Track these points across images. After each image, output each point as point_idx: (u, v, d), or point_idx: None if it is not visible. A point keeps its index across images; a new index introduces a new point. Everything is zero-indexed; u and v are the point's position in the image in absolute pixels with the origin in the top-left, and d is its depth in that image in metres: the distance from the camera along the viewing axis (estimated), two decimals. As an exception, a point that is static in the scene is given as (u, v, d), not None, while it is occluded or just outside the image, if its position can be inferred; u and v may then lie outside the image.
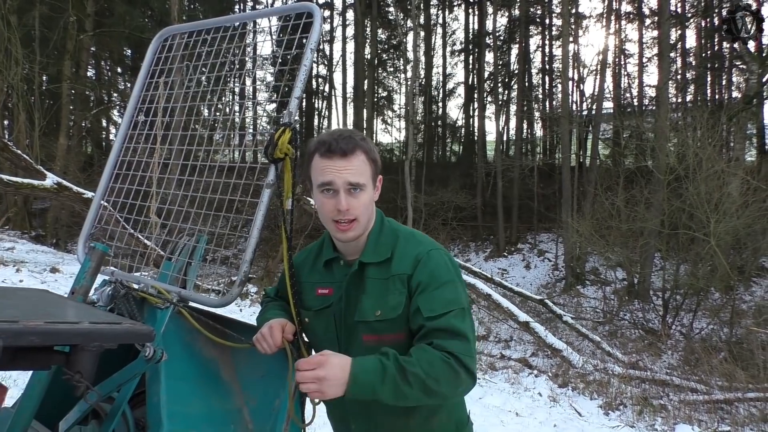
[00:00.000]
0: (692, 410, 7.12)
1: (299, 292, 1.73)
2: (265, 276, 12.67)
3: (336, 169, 1.54)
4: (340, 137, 1.56)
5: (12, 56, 15.57)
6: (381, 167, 1.66)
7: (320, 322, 1.69)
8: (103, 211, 2.25)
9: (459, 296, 1.55)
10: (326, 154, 1.55)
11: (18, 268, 8.46)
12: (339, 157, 1.53)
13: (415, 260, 1.57)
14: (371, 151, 1.60)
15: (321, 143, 1.57)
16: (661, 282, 13.98)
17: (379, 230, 1.67)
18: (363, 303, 1.60)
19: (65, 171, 15.70)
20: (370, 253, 1.63)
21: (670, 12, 18.39)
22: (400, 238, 1.65)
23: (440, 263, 1.58)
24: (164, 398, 1.60)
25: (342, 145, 1.54)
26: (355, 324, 1.61)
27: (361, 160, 1.56)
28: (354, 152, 1.54)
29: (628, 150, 19.34)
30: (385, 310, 1.56)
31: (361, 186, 1.55)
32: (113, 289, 1.87)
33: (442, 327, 1.47)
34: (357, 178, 1.54)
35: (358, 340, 1.62)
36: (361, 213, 1.57)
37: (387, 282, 1.58)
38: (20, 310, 1.18)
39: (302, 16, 1.92)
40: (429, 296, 1.52)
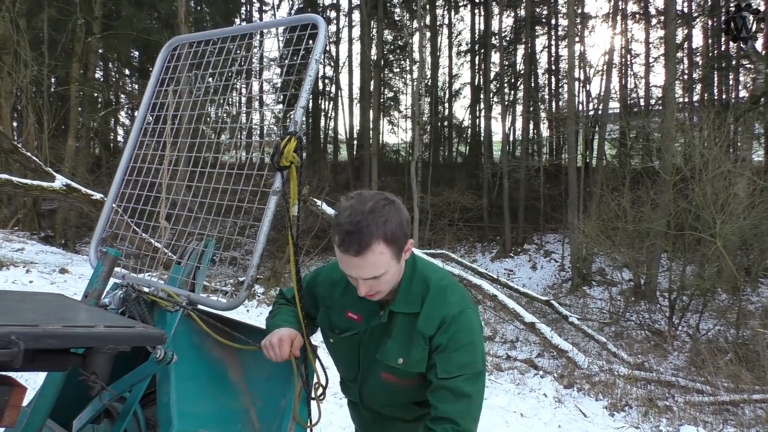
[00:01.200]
0: (698, 411, 7.13)
1: (329, 308, 1.77)
2: (272, 277, 12.74)
3: (351, 266, 1.50)
4: (354, 231, 1.46)
5: (21, 59, 15.71)
6: (408, 232, 1.55)
7: (344, 345, 1.76)
8: (114, 216, 2.31)
9: (475, 359, 1.58)
10: (342, 249, 1.49)
11: (28, 269, 8.55)
12: (353, 255, 1.47)
13: (440, 323, 1.58)
14: (391, 232, 1.48)
15: (337, 231, 1.49)
16: (667, 283, 13.95)
17: (410, 277, 1.65)
18: (388, 346, 1.65)
19: (74, 172, 15.82)
20: (401, 302, 1.63)
21: (677, 11, 18.34)
22: (430, 291, 1.63)
23: (463, 327, 1.59)
24: (174, 398, 1.65)
25: (354, 244, 1.46)
26: (376, 360, 1.69)
27: (378, 252, 1.47)
28: (369, 247, 1.46)
29: (635, 150, 19.30)
30: (408, 362, 1.62)
31: (381, 274, 1.51)
32: (125, 293, 1.93)
33: (450, 387, 1.54)
34: (373, 272, 1.50)
35: (376, 374, 1.70)
36: (385, 289, 1.57)
37: (412, 335, 1.62)
38: (39, 314, 1.24)
39: (307, 27, 1.97)
40: (446, 357, 1.56)
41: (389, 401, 1.76)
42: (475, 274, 11.99)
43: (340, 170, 31.30)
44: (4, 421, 1.11)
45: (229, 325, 1.97)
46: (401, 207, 1.55)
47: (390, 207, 1.51)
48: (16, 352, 0.99)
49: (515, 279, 19.93)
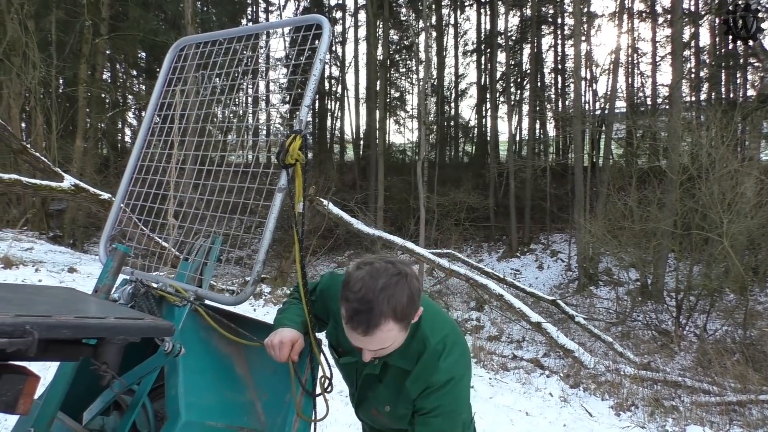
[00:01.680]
0: (704, 412, 7.12)
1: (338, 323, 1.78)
2: (279, 276, 12.78)
3: (358, 341, 1.52)
4: (363, 310, 1.45)
5: (30, 60, 15.82)
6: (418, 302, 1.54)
7: (345, 370, 1.85)
8: (123, 214, 2.35)
9: (454, 426, 1.63)
10: (349, 325, 1.49)
11: (37, 268, 8.62)
12: (360, 335, 1.48)
13: (425, 388, 1.61)
14: (400, 311, 1.47)
15: (345, 307, 1.48)
16: (674, 283, 13.91)
17: (412, 335, 1.64)
18: (379, 391, 1.73)
19: (82, 173, 15.92)
20: (397, 357, 1.64)
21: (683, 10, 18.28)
22: (426, 352, 1.63)
23: (447, 393, 1.60)
24: (182, 390, 1.69)
25: (363, 325, 1.45)
26: (368, 397, 1.78)
27: (386, 330, 1.47)
28: (377, 327, 1.46)
29: (641, 150, 19.24)
30: (394, 413, 1.70)
31: (388, 347, 1.54)
32: (134, 288, 1.97)
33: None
34: (380, 346, 1.52)
35: (368, 406, 1.80)
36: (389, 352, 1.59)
37: (401, 391, 1.66)
38: (52, 305, 1.28)
39: (312, 27, 2.00)
40: (426, 421, 1.62)
41: (381, 426, 1.87)
42: (481, 274, 12.00)
43: (347, 170, 31.34)
44: (18, 408, 1.14)
45: (236, 320, 2.00)
46: (413, 279, 1.52)
47: (402, 282, 1.48)
48: (30, 341, 1.03)
49: (522, 279, 19.92)
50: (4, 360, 1.16)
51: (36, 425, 1.67)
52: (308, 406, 1.82)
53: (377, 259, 1.54)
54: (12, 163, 13.69)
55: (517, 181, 24.19)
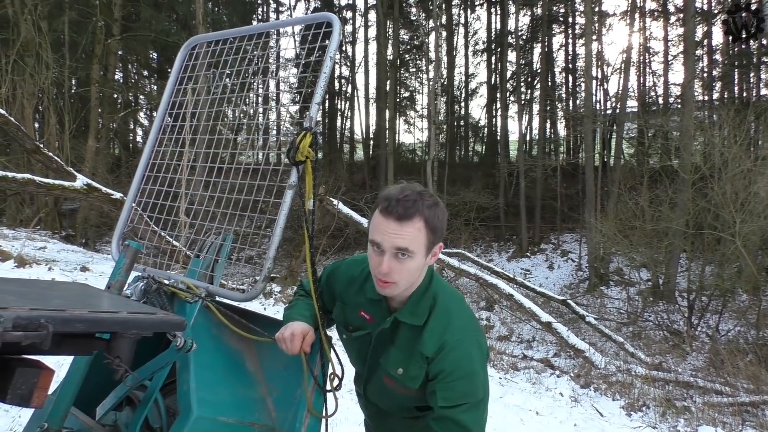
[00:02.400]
0: (716, 412, 7.07)
1: (345, 303, 1.80)
2: (289, 276, 12.82)
3: (387, 231, 1.50)
4: (403, 199, 1.50)
5: (43, 61, 15.97)
6: (444, 234, 1.59)
7: (356, 343, 1.79)
8: (134, 213, 2.37)
9: (475, 389, 1.57)
10: (384, 213, 1.51)
11: (50, 267, 8.70)
12: (394, 219, 1.49)
13: (439, 347, 1.58)
14: (433, 218, 1.52)
15: (385, 199, 1.53)
16: (686, 283, 13.82)
17: (423, 292, 1.65)
18: (391, 354, 1.68)
19: (94, 172, 16.04)
20: (407, 313, 1.63)
21: (696, 9, 18.15)
22: (437, 309, 1.63)
23: (463, 355, 1.58)
24: (194, 386, 1.70)
25: (401, 209, 1.49)
26: (379, 364, 1.72)
27: (417, 228, 1.50)
28: (411, 219, 1.49)
29: (653, 149, 19.12)
30: (406, 374, 1.64)
31: (410, 253, 1.51)
32: (145, 285, 1.98)
33: (450, 417, 1.54)
34: (406, 244, 1.50)
35: (379, 377, 1.75)
36: (403, 278, 1.56)
37: (413, 350, 1.63)
38: (65, 300, 1.29)
39: (322, 25, 2.01)
40: (446, 386, 1.56)
41: (390, 402, 1.80)
42: (491, 274, 11.98)
43: (356, 170, 31.38)
44: (33, 402, 1.16)
45: (246, 316, 2.02)
46: (444, 210, 1.59)
47: (438, 202, 1.57)
48: (45, 334, 1.04)
49: (532, 279, 19.84)
50: (18, 353, 1.18)
51: (50, 420, 1.69)
52: (319, 403, 1.83)
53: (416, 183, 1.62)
54: (25, 163, 13.82)
55: (527, 180, 24.10)
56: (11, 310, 1.04)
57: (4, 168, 12.12)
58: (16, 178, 8.57)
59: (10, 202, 16.64)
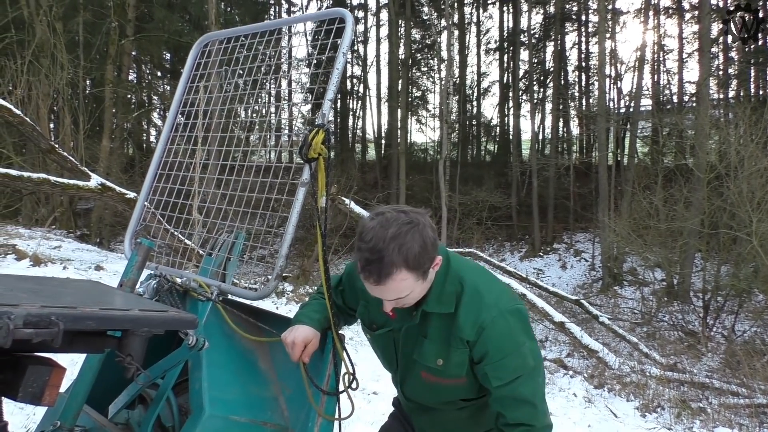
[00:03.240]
0: (733, 414, 6.98)
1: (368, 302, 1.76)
2: (301, 275, 12.84)
3: (373, 291, 1.50)
4: (375, 259, 1.42)
5: (58, 61, 16.11)
6: (434, 250, 1.50)
7: (381, 343, 1.77)
8: (147, 210, 2.37)
9: (525, 359, 1.54)
10: (363, 274, 1.47)
11: (65, 266, 8.77)
12: (373, 284, 1.46)
13: (478, 328, 1.54)
14: (411, 259, 1.43)
15: (359, 258, 1.46)
16: (701, 283, 13.68)
17: (444, 276, 1.60)
18: (425, 347, 1.63)
19: (108, 172, 16.16)
20: (434, 302, 1.59)
21: (711, 6, 17.94)
22: (465, 292, 1.58)
23: (504, 331, 1.54)
24: (206, 385, 1.70)
25: (375, 274, 1.43)
26: (414, 360, 1.67)
27: (399, 279, 1.44)
28: (389, 276, 1.43)
29: (667, 148, 18.95)
30: (448, 364, 1.60)
31: (404, 296, 1.50)
32: (158, 283, 1.98)
33: (509, 395, 1.53)
34: (396, 295, 1.49)
35: (415, 373, 1.70)
36: (410, 303, 1.56)
37: (450, 337, 1.59)
38: (77, 297, 1.29)
39: (335, 21, 2.00)
40: (496, 366, 1.54)
41: (432, 398, 1.74)
42: (503, 273, 11.92)
43: (368, 169, 31.38)
44: (45, 400, 1.15)
45: (258, 315, 2.01)
46: (426, 228, 1.47)
47: (413, 231, 1.44)
48: (56, 331, 1.04)
49: (544, 278, 19.73)
50: (30, 351, 1.17)
51: (63, 418, 1.69)
52: (331, 404, 1.81)
53: (390, 209, 1.50)
54: (41, 163, 13.94)
55: (540, 179, 23.98)
56: (22, 307, 1.04)
57: (20, 168, 12.24)
58: (32, 177, 8.64)
59: (26, 202, 16.82)
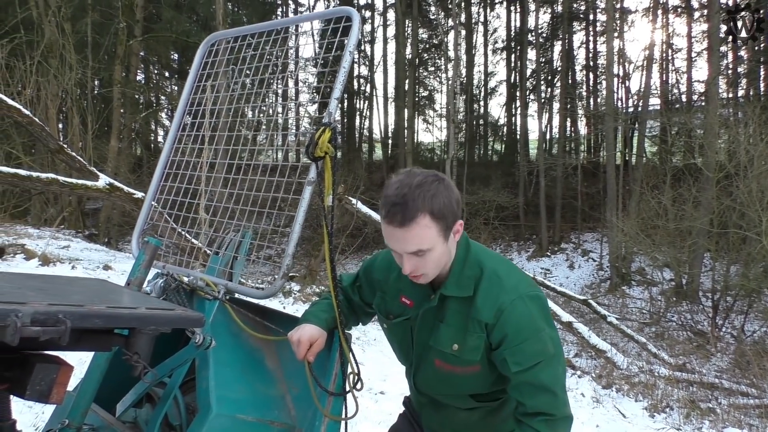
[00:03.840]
0: (742, 414, 6.94)
1: (385, 292, 1.77)
2: (308, 275, 12.86)
3: (396, 239, 1.48)
4: (400, 203, 1.44)
5: (66, 62, 16.22)
6: (458, 212, 1.52)
7: (398, 330, 1.75)
8: (154, 210, 2.37)
9: (545, 345, 1.52)
10: (387, 221, 1.47)
11: (73, 265, 8.82)
12: (397, 227, 1.45)
13: (497, 310, 1.52)
14: (437, 207, 1.45)
15: (384, 204, 1.48)
16: (710, 283, 13.60)
17: (463, 260, 1.60)
18: (441, 332, 1.62)
19: (116, 172, 16.26)
20: (452, 285, 1.59)
21: (721, 4, 17.81)
22: (484, 276, 1.57)
23: (524, 314, 1.52)
24: (213, 383, 1.70)
25: (399, 215, 1.43)
26: (429, 346, 1.65)
27: (423, 225, 1.44)
28: (414, 220, 1.43)
29: (676, 147, 18.85)
30: (464, 348, 1.58)
31: (425, 251, 1.48)
32: (165, 282, 1.99)
33: (529, 381, 1.50)
34: (417, 246, 1.46)
35: (429, 361, 1.67)
36: (429, 269, 1.53)
37: (467, 321, 1.57)
38: (84, 296, 1.29)
39: (341, 20, 2.00)
40: (515, 350, 1.51)
41: (444, 389, 1.72)
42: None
43: (375, 169, 31.38)
44: (52, 398, 1.15)
45: (265, 314, 2.01)
46: (451, 186, 1.51)
47: (439, 184, 1.48)
48: (63, 329, 1.04)
49: (552, 278, 19.67)
50: (37, 349, 1.18)
51: (71, 416, 1.70)
52: (338, 403, 1.81)
53: (415, 168, 1.55)
54: (49, 163, 14.04)
55: (547, 179, 23.90)
56: (29, 306, 1.04)
57: (29, 168, 12.33)
58: (41, 177, 8.69)
59: (35, 202, 16.93)
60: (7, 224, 13.11)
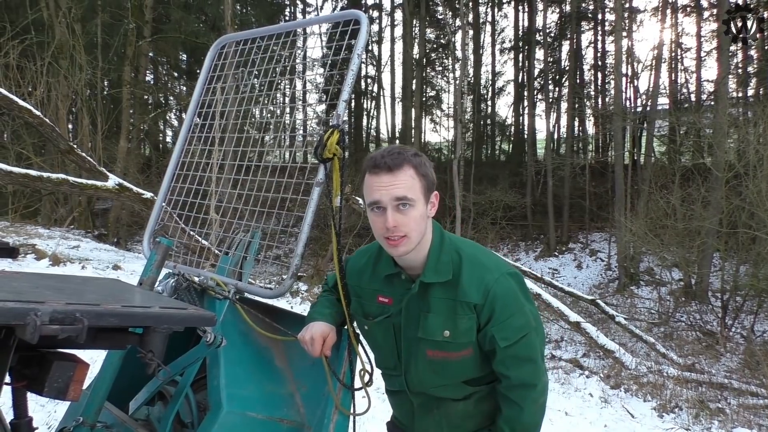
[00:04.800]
0: (752, 414, 6.90)
1: (360, 296, 1.79)
2: (315, 275, 12.89)
3: (383, 185, 1.53)
4: (387, 153, 1.56)
5: (76, 63, 16.35)
6: (435, 183, 1.64)
7: (379, 330, 1.76)
8: (164, 213, 2.40)
9: (528, 319, 1.62)
10: (374, 171, 1.55)
11: (83, 265, 8.91)
12: (385, 172, 1.53)
13: (485, 290, 1.58)
14: (421, 166, 1.58)
15: (369, 160, 1.58)
16: (719, 283, 13.52)
17: (439, 247, 1.65)
18: (429, 321, 1.63)
19: (125, 172, 16.37)
20: (431, 272, 1.62)
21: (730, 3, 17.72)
22: (464, 260, 1.63)
23: (509, 291, 1.60)
24: (223, 381, 1.72)
25: (388, 160, 1.53)
26: (418, 339, 1.67)
27: (409, 175, 1.54)
28: (401, 167, 1.54)
29: (685, 147, 18.76)
30: (456, 333, 1.61)
31: (410, 201, 1.54)
32: (176, 281, 2.02)
33: (514, 354, 1.60)
34: (404, 192, 1.53)
35: (421, 354, 1.68)
36: (412, 229, 1.56)
37: (455, 305, 1.60)
38: (99, 295, 1.32)
39: (350, 22, 2.02)
40: (503, 326, 1.59)
41: (438, 381, 1.72)
42: (518, 273, 11.84)
43: (383, 169, 31.33)
44: (69, 395, 1.18)
45: (274, 313, 2.03)
46: (430, 162, 1.64)
47: (422, 156, 1.62)
48: (80, 328, 1.06)
49: (560, 278, 19.62)
50: (54, 347, 1.21)
51: (84, 414, 1.72)
52: (347, 400, 1.83)
53: None
54: (60, 163, 14.15)
55: (555, 179, 23.82)
56: (48, 304, 1.07)
57: (40, 168, 12.43)
58: (51, 178, 8.76)
59: (45, 202, 17.06)
60: (18, 224, 13.23)
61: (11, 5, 18.15)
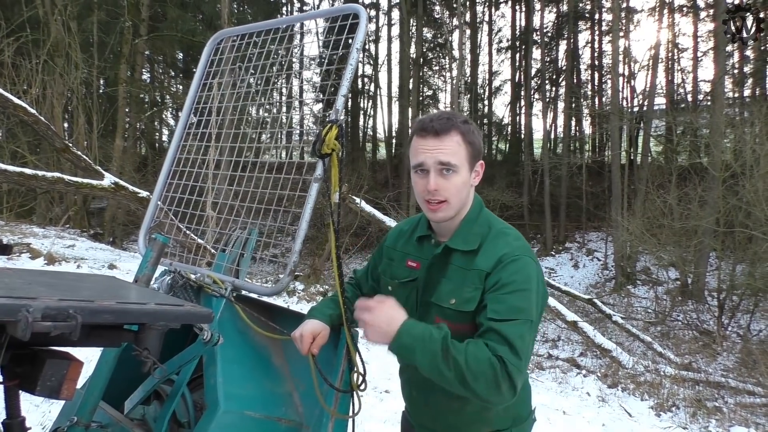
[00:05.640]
0: (749, 413, 6.91)
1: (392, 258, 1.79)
2: (312, 274, 12.86)
3: (428, 149, 1.55)
4: (437, 118, 1.57)
5: (72, 61, 16.27)
6: (482, 153, 1.65)
7: (402, 293, 1.72)
8: (160, 211, 2.37)
9: (528, 307, 1.49)
10: (421, 134, 1.57)
11: (79, 265, 8.86)
12: (432, 136, 1.55)
13: (498, 261, 1.54)
14: (469, 133, 1.58)
15: (418, 123, 1.60)
16: (716, 282, 13.55)
17: (475, 218, 1.66)
18: (442, 286, 1.62)
19: (121, 171, 16.29)
20: (459, 239, 1.62)
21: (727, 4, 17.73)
22: (491, 232, 1.63)
23: (521, 268, 1.53)
24: (220, 380, 1.70)
25: (436, 125, 1.55)
26: (430, 303, 1.65)
27: (456, 141, 1.55)
28: (448, 132, 1.54)
29: (681, 146, 18.79)
30: (459, 301, 1.58)
31: (453, 167, 1.55)
32: (172, 279, 1.99)
33: (499, 330, 1.43)
34: (448, 158, 1.54)
35: (430, 319, 1.64)
36: (452, 195, 1.57)
37: (467, 273, 1.58)
38: (94, 291, 1.29)
39: (348, 17, 2.00)
40: (498, 297, 1.49)
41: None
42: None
43: (379, 168, 31.37)
44: (63, 394, 1.16)
45: (272, 311, 2.01)
46: (479, 129, 1.64)
47: (471, 121, 1.61)
48: (74, 325, 1.04)
49: (557, 278, 19.64)
50: (47, 344, 1.18)
51: (79, 413, 1.70)
52: (345, 400, 1.81)
53: None
54: (55, 162, 14.09)
55: (552, 178, 23.86)
56: (40, 300, 1.04)
57: (35, 167, 12.36)
58: (46, 176, 8.72)
59: (40, 201, 16.99)
60: (13, 223, 13.16)
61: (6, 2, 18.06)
